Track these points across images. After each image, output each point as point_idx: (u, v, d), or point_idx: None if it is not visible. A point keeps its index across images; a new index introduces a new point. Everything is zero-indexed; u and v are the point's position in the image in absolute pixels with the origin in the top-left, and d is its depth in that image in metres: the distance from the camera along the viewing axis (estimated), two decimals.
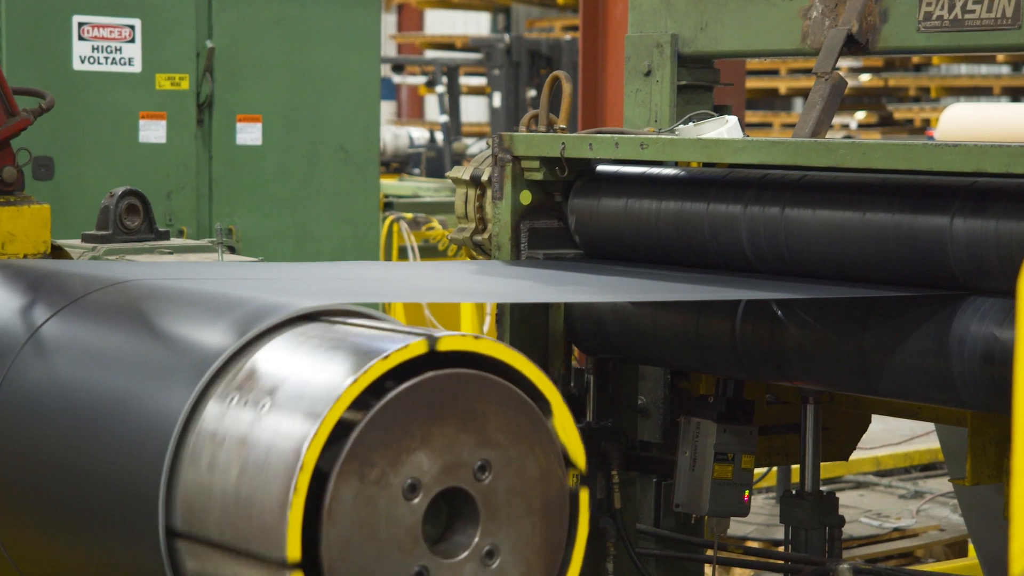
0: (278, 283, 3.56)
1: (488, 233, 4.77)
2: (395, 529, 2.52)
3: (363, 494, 2.49)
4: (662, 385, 4.76)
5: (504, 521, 2.63)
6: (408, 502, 2.54)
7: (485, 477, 2.61)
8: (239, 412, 2.60)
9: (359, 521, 2.49)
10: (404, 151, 17.80)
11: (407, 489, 2.54)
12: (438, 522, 2.64)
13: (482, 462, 2.60)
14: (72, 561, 2.91)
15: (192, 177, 8.10)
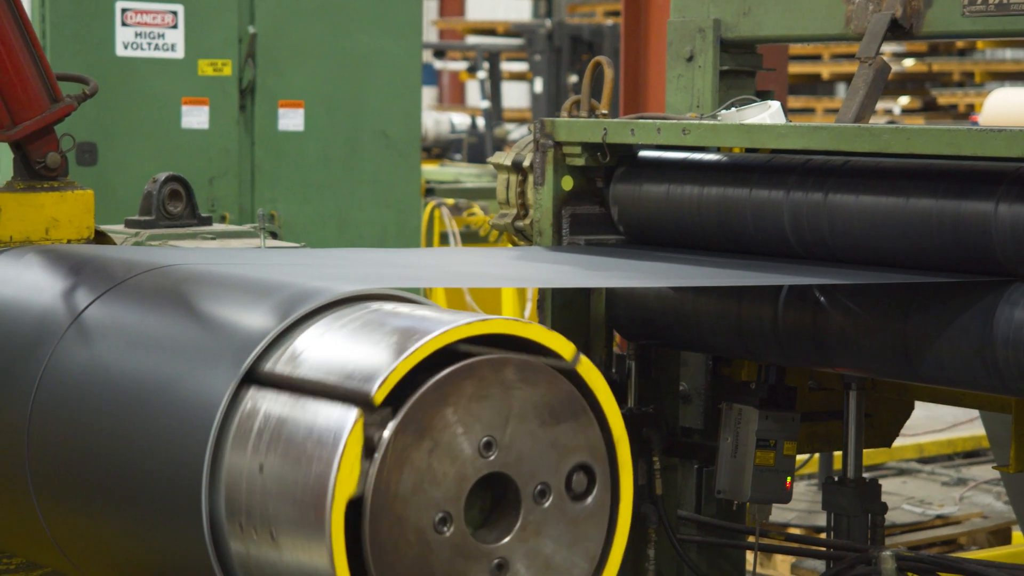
0: (319, 268, 3.57)
1: (529, 219, 4.76)
2: (452, 467, 2.53)
3: (446, 421, 2.50)
4: (704, 371, 4.75)
5: (536, 462, 2.63)
6: (484, 457, 2.55)
7: (544, 501, 2.62)
8: (282, 395, 2.61)
9: (431, 435, 2.50)
10: (445, 137, 17.81)
11: (483, 446, 2.55)
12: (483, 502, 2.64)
13: (543, 486, 2.62)
14: (116, 544, 2.92)
15: (234, 163, 8.13)
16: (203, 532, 2.64)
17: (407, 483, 2.51)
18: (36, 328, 3.13)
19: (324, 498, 2.47)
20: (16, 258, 3.47)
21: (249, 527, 2.60)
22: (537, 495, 2.63)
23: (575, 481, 2.65)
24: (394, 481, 2.50)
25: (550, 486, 2.63)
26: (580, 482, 2.66)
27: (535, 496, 2.63)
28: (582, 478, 2.67)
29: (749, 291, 4.15)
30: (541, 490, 2.63)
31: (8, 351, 3.17)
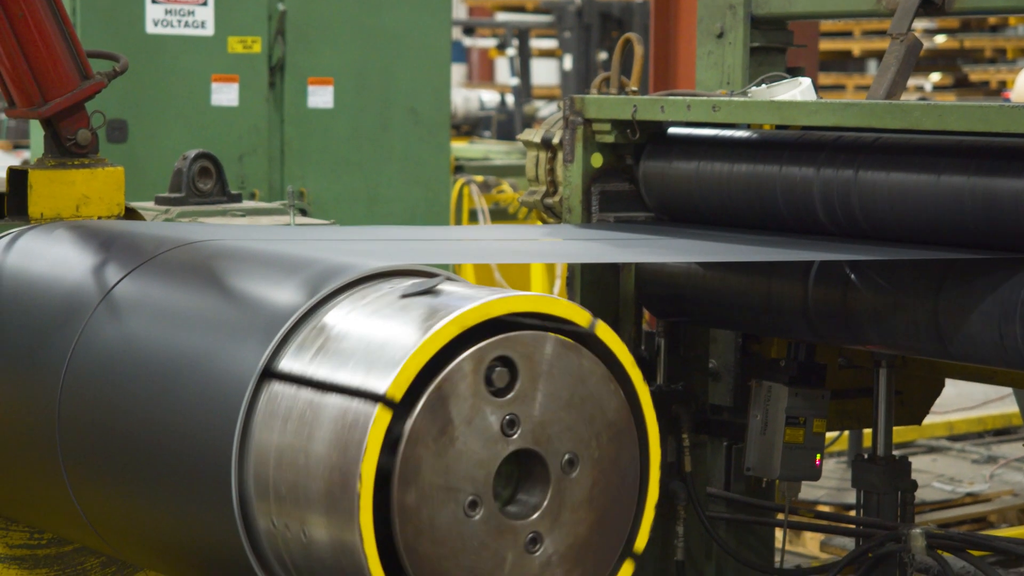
0: (348, 244, 3.57)
1: (559, 196, 4.76)
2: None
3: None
4: (733, 348, 4.74)
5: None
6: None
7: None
8: (311, 369, 2.61)
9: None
10: (475, 114, 17.80)
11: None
12: (507, 484, 2.64)
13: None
14: (145, 519, 2.93)
15: (264, 140, 8.14)
16: (232, 508, 2.64)
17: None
18: (67, 303, 3.14)
19: (353, 475, 2.47)
20: (47, 233, 3.48)
21: (278, 503, 2.61)
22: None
23: (601, 446, 2.65)
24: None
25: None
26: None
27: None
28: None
29: (779, 268, 4.14)
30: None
31: (39, 326, 3.18)
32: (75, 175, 3.66)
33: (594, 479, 2.65)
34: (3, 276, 3.39)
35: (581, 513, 2.64)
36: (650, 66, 7.85)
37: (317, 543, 2.56)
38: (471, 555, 2.56)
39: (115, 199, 3.71)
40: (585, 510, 2.65)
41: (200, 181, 4.70)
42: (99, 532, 3.07)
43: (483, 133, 17.39)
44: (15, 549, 3.47)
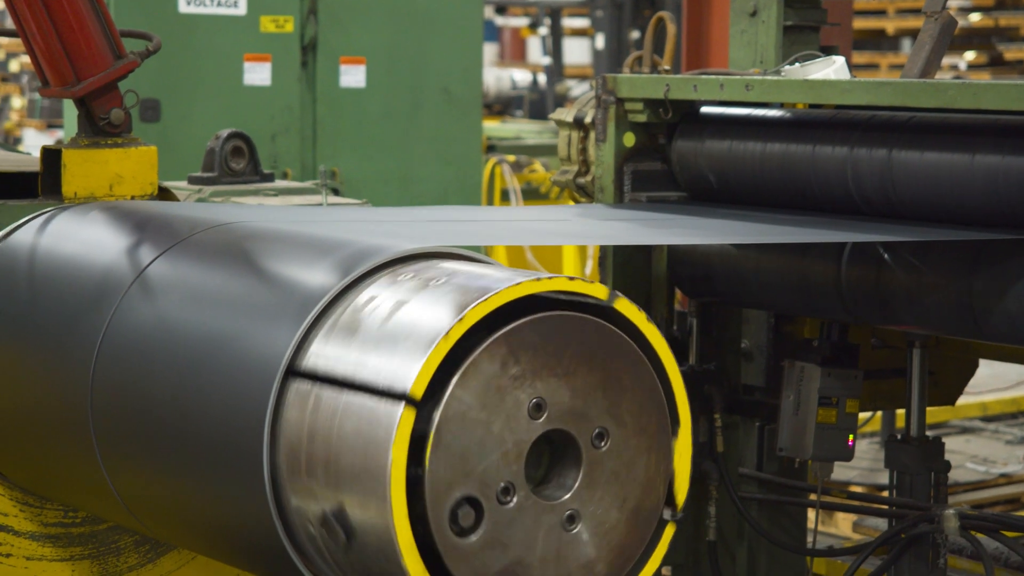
0: (380, 225, 3.57)
1: (591, 175, 4.75)
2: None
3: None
4: (766, 328, 4.73)
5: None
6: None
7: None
8: (343, 351, 2.61)
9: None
10: (507, 93, 17.78)
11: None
12: (540, 464, 2.64)
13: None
14: (178, 498, 2.94)
15: (296, 119, 8.15)
16: (264, 488, 2.65)
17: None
18: (100, 284, 3.15)
19: (385, 457, 2.48)
20: (81, 214, 3.49)
21: (310, 483, 2.62)
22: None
23: (631, 414, 2.65)
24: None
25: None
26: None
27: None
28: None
29: (812, 248, 4.13)
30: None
31: (72, 306, 3.19)
32: (108, 154, 3.67)
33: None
34: (37, 256, 3.40)
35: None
36: (683, 45, 7.82)
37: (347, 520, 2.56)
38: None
39: (148, 178, 3.72)
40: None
41: (233, 161, 4.71)
42: (133, 511, 3.08)
43: (515, 112, 17.38)
44: (49, 527, 3.49)
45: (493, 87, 17.38)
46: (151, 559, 3.57)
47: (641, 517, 2.68)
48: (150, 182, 3.72)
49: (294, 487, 2.65)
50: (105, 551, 3.53)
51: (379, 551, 2.52)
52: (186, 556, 3.58)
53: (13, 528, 3.45)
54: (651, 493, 2.69)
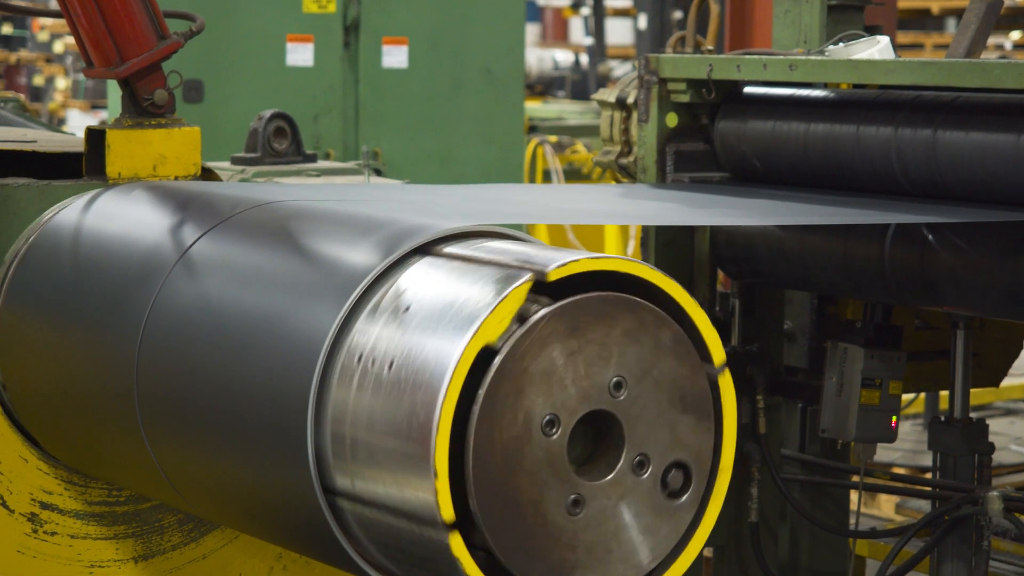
0: (423, 205, 3.57)
1: (633, 156, 4.74)
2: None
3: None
4: (809, 309, 4.72)
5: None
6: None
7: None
8: (387, 330, 2.62)
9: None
10: (549, 74, 17.77)
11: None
12: (585, 444, 2.64)
13: (617, 379, 2.59)
14: (222, 477, 2.95)
15: (339, 100, 8.16)
16: (309, 466, 2.66)
17: (529, 379, 2.50)
18: (144, 263, 3.16)
19: (428, 437, 2.48)
20: (124, 194, 3.50)
21: (354, 461, 2.62)
22: (613, 387, 2.60)
23: (672, 478, 2.64)
24: (519, 370, 2.49)
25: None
26: (676, 479, 2.64)
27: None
28: (678, 476, 2.65)
29: (856, 229, 4.11)
30: (640, 461, 2.62)
31: (117, 286, 3.20)
32: (152, 135, 3.67)
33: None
34: (82, 236, 3.41)
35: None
36: (726, 24, 7.79)
37: (393, 499, 2.57)
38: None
39: (192, 159, 3.73)
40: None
41: (276, 141, 4.72)
42: (177, 489, 3.09)
43: (557, 93, 17.36)
44: (94, 506, 3.50)
45: (535, 68, 17.37)
46: (195, 538, 3.59)
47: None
48: (193, 163, 3.73)
49: (338, 466, 2.65)
50: (149, 530, 3.55)
51: (423, 527, 2.52)
52: (230, 535, 3.60)
53: (58, 507, 3.48)
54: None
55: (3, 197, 3.50)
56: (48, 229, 3.48)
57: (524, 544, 2.52)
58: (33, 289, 3.41)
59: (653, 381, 2.62)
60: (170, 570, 3.57)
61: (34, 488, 3.45)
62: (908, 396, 4.89)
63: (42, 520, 3.46)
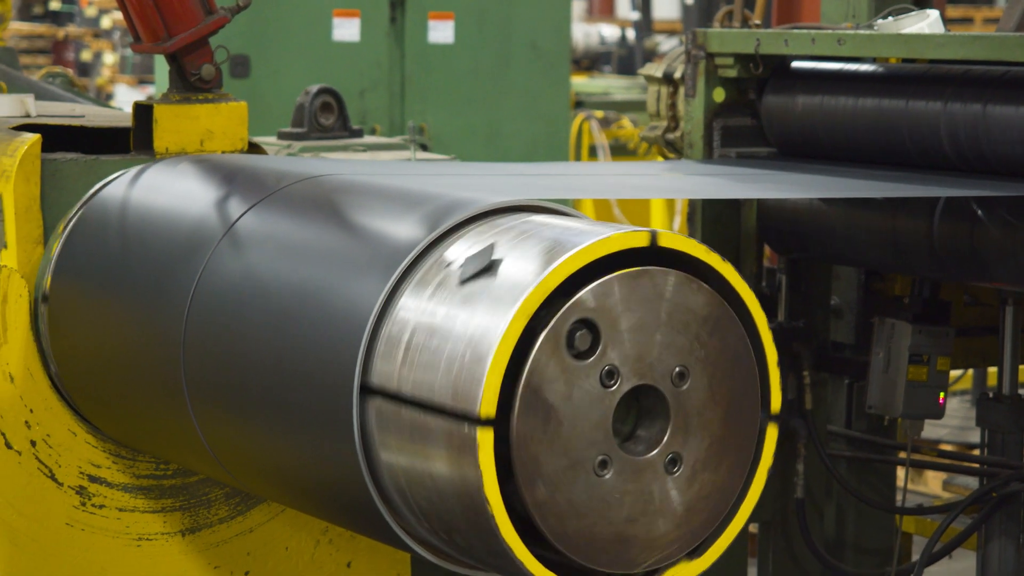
0: (469, 179, 3.57)
1: (680, 131, 4.73)
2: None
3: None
4: (856, 285, 4.70)
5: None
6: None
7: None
8: (433, 304, 2.62)
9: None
10: (595, 49, 17.72)
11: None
12: (627, 419, 2.64)
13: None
14: (268, 452, 2.96)
15: (385, 75, 8.16)
16: (354, 441, 2.66)
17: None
18: (191, 237, 3.17)
19: (474, 406, 2.48)
20: (171, 168, 3.51)
21: (399, 436, 2.63)
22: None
23: (704, 344, 2.62)
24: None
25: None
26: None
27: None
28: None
29: (904, 204, 4.09)
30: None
31: (164, 260, 3.21)
32: (199, 110, 3.68)
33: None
34: (129, 210, 3.43)
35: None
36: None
37: (438, 475, 2.57)
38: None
39: (238, 134, 3.73)
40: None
41: (322, 116, 4.72)
42: (223, 464, 3.11)
43: (603, 68, 17.32)
44: (141, 479, 3.53)
45: (581, 43, 17.32)
46: (241, 511, 3.60)
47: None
48: (240, 137, 3.73)
49: (383, 441, 2.66)
50: (196, 503, 3.57)
51: (468, 502, 2.52)
52: (276, 508, 3.62)
53: (106, 480, 3.50)
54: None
55: (52, 172, 3.51)
56: (96, 203, 3.50)
57: (546, 473, 2.50)
58: (81, 263, 3.43)
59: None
60: (217, 543, 3.59)
61: (82, 461, 3.48)
62: (956, 372, 4.86)
63: (90, 493, 3.48)
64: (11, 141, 3.51)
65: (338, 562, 3.69)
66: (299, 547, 3.66)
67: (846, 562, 4.85)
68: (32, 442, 3.43)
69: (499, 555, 2.53)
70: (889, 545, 4.90)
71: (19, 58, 6.53)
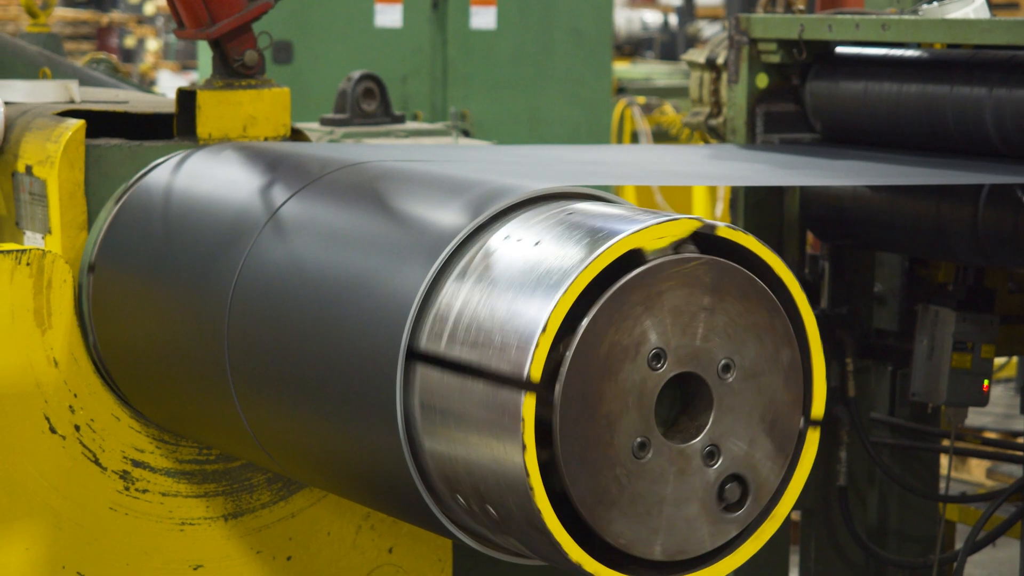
0: (511, 166, 3.56)
1: (723, 117, 4.71)
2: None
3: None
4: (900, 272, 4.68)
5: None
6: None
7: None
8: (476, 290, 2.62)
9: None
10: (637, 34, 17.69)
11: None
12: (672, 407, 2.63)
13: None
14: (311, 437, 2.97)
15: (427, 61, 8.16)
16: (397, 427, 2.67)
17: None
18: (234, 223, 3.18)
19: (518, 395, 2.48)
20: (214, 154, 3.52)
21: (443, 421, 2.63)
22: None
23: (730, 490, 2.63)
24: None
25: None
26: (733, 493, 2.63)
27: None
28: (736, 490, 2.64)
29: (948, 190, 4.06)
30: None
31: (207, 246, 3.22)
32: (242, 96, 3.69)
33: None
34: (173, 196, 3.44)
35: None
36: None
37: (481, 461, 2.57)
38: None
39: (281, 120, 3.74)
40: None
41: (364, 102, 4.73)
42: (266, 449, 3.12)
43: (645, 54, 17.28)
44: (184, 464, 3.54)
45: (624, 28, 17.29)
46: (283, 496, 3.62)
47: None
48: (283, 123, 3.74)
49: (427, 428, 2.66)
50: (238, 488, 3.59)
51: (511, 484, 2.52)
52: (318, 494, 3.63)
53: (150, 464, 3.51)
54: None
55: (96, 158, 3.53)
56: (140, 189, 3.51)
57: (585, 454, 2.50)
58: (125, 249, 3.44)
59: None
60: (259, 528, 3.60)
61: (126, 446, 3.50)
62: (1000, 360, 4.84)
63: (134, 478, 3.50)
64: (56, 127, 3.53)
65: (380, 547, 3.70)
66: (341, 532, 3.67)
67: (888, 550, 4.83)
68: (76, 427, 3.45)
69: (535, 528, 2.52)
70: (932, 533, 4.88)
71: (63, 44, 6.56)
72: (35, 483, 3.40)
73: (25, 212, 3.62)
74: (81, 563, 3.46)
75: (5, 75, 4.66)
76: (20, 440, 3.38)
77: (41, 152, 3.52)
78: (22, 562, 3.41)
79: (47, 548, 3.44)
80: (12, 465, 3.38)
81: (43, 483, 3.41)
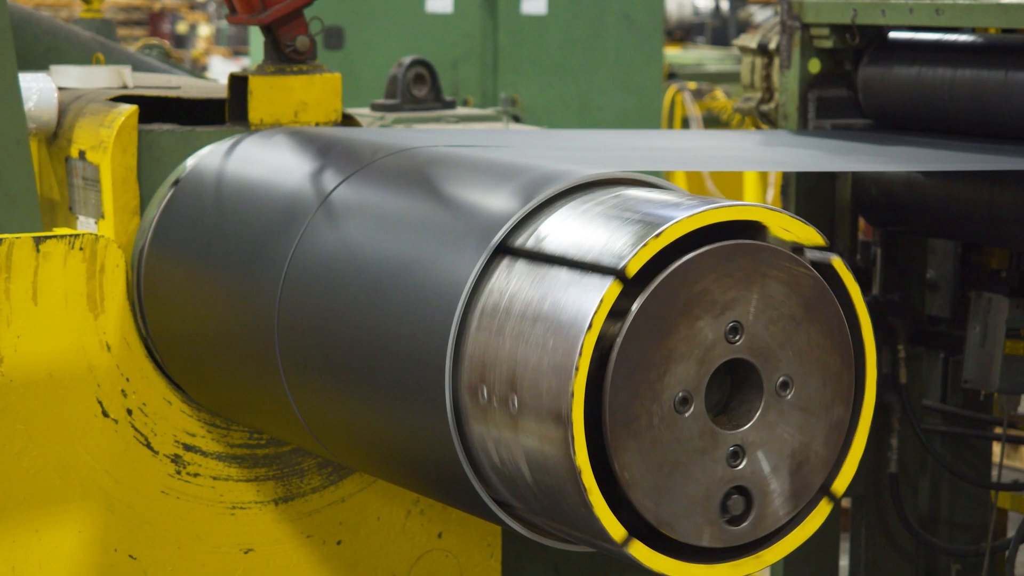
0: (562, 151, 3.56)
1: (774, 103, 4.69)
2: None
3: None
4: (952, 258, 4.65)
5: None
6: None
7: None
8: (528, 276, 2.61)
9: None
10: (688, 19, 17.62)
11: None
12: (720, 396, 2.62)
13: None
14: (361, 422, 2.98)
15: (477, 47, 8.17)
16: (446, 415, 2.67)
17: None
18: (286, 209, 3.19)
19: (568, 375, 2.48)
20: (266, 139, 3.53)
21: (491, 407, 2.63)
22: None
23: (815, 360, 2.61)
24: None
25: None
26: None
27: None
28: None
29: (1002, 176, 4.03)
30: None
31: (259, 231, 3.23)
32: (293, 81, 3.70)
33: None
34: (224, 181, 3.45)
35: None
36: None
37: (529, 447, 2.57)
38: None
39: (332, 105, 3.75)
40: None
41: (415, 88, 4.73)
42: (316, 434, 3.13)
43: (696, 39, 17.23)
44: (235, 448, 3.56)
45: (675, 13, 17.23)
46: (333, 481, 3.63)
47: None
48: (334, 109, 3.75)
49: (476, 414, 2.66)
50: (289, 472, 3.60)
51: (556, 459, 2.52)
52: (368, 479, 3.64)
53: (201, 449, 3.53)
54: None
55: (148, 143, 3.55)
56: (192, 175, 3.53)
57: (634, 372, 2.49)
58: (177, 234, 3.46)
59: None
60: (309, 512, 3.62)
61: (177, 430, 3.52)
62: None
63: (185, 462, 3.52)
64: (108, 112, 3.55)
65: (429, 532, 3.71)
66: (391, 517, 3.68)
67: (940, 538, 4.81)
68: (128, 411, 3.47)
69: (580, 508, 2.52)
70: (984, 521, 4.85)
71: (116, 30, 6.58)
72: (88, 466, 3.43)
73: (78, 197, 3.65)
74: (132, 546, 3.48)
75: (59, 61, 4.69)
76: (73, 424, 3.41)
77: (94, 137, 3.54)
78: (75, 544, 3.43)
79: (99, 531, 3.46)
80: (65, 448, 3.40)
81: (96, 466, 3.44)
